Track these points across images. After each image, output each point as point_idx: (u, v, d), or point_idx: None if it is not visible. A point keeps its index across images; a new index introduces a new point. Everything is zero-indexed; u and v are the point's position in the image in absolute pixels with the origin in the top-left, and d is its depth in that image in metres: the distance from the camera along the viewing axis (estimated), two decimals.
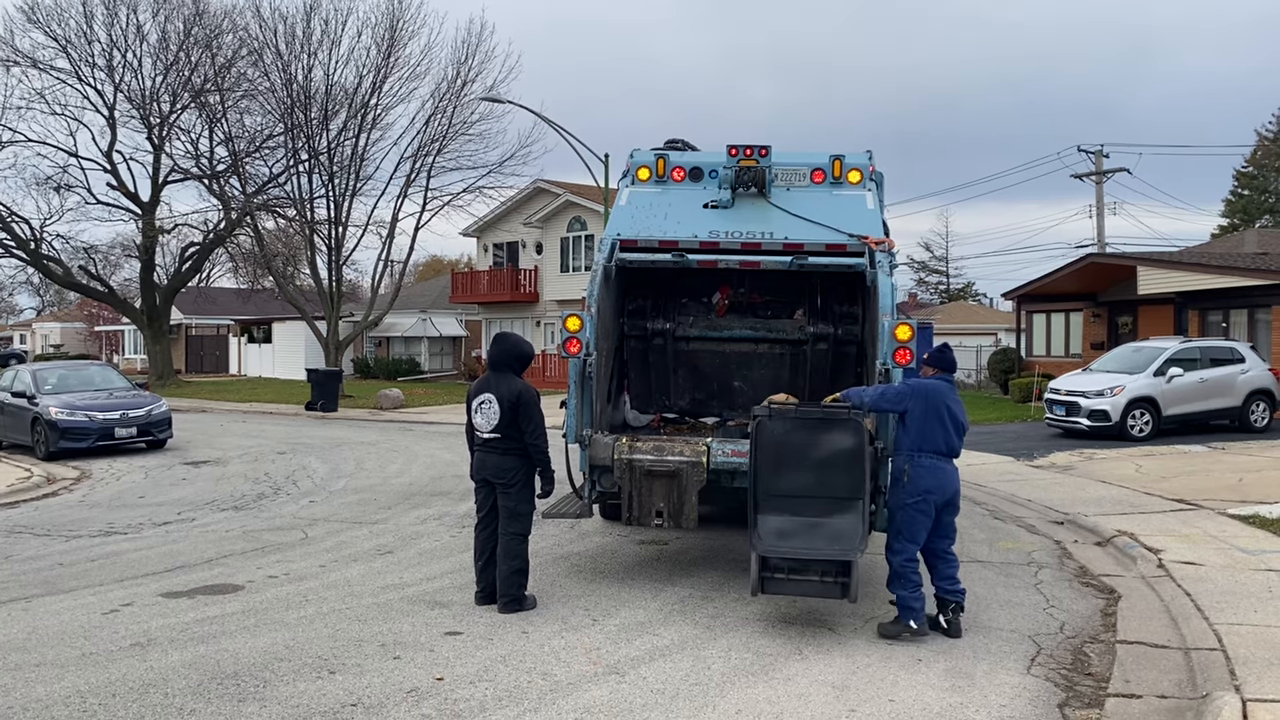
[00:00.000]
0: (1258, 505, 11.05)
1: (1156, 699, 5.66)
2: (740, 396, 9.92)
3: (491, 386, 7.47)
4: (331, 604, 7.64)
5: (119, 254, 43.79)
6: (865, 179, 9.22)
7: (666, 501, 7.69)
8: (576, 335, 7.85)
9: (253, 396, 34.42)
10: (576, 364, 8.01)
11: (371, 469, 15.88)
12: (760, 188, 9.03)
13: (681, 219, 8.91)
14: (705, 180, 9.28)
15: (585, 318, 7.97)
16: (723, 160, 9.08)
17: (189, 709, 5.47)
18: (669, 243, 8.67)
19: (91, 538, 10.53)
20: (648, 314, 9.84)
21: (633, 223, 8.92)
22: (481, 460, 7.53)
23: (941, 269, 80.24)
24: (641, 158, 9.57)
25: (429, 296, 50.53)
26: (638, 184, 9.40)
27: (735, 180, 8.98)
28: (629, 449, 7.76)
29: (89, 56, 35.94)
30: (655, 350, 9.95)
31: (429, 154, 35.36)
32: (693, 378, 10.08)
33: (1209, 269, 23.34)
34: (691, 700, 5.64)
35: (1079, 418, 18.65)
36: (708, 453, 7.72)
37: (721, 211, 8.95)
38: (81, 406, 18.04)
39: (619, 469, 7.72)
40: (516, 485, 7.44)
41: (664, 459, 7.69)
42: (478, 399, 7.49)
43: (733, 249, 8.61)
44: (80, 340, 68.46)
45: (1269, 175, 58.53)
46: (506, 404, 7.35)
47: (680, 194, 9.24)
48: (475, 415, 7.49)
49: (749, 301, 9.98)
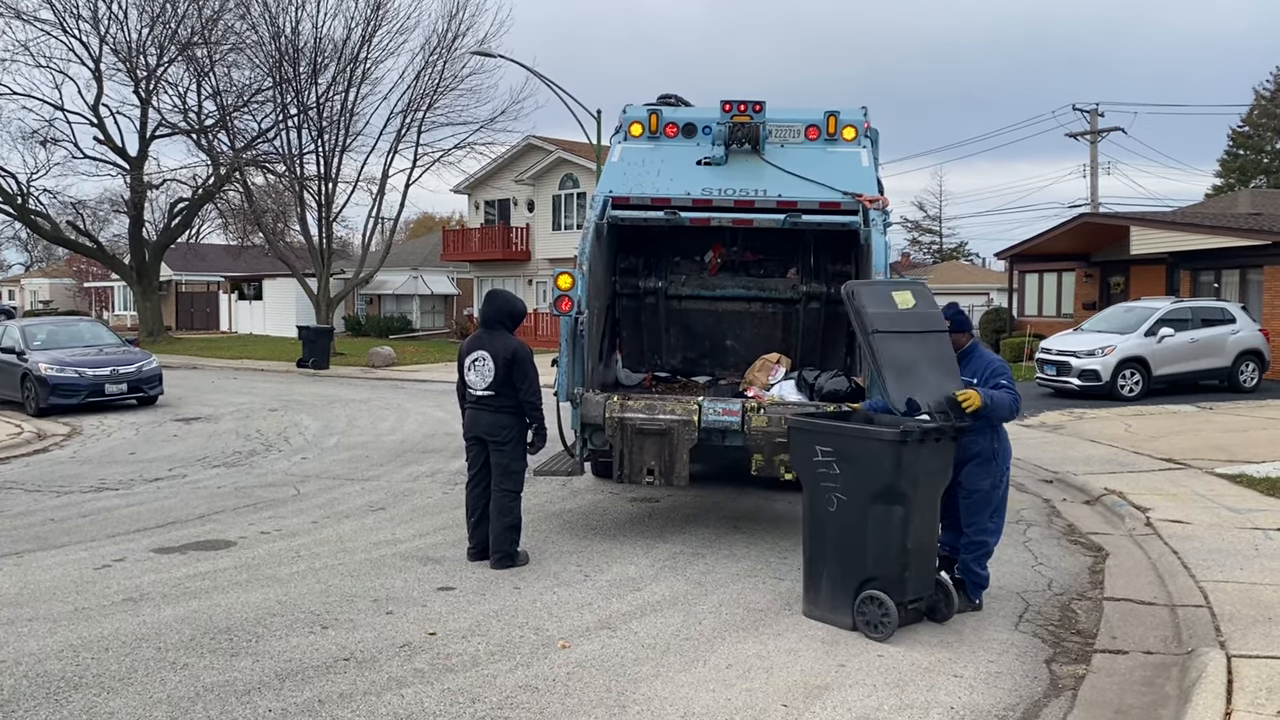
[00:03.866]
0: (1245, 465, 11.13)
1: (1143, 655, 5.72)
2: (732, 355, 9.94)
3: (485, 344, 7.44)
4: (324, 560, 7.66)
5: (107, 209, 43.61)
6: (860, 136, 9.12)
7: (658, 460, 7.74)
8: (568, 293, 7.83)
9: (244, 353, 34.34)
10: (568, 322, 7.98)
11: (363, 426, 15.88)
12: (754, 144, 8.95)
13: (675, 176, 8.83)
14: (699, 136, 9.19)
15: (577, 275, 7.93)
16: (716, 116, 8.94)
17: (181, 663, 5.49)
18: (661, 200, 8.58)
19: (83, 494, 10.53)
20: (640, 272, 9.79)
21: (625, 180, 8.85)
22: (474, 417, 7.51)
23: (935, 228, 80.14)
24: (634, 113, 9.48)
25: (420, 254, 50.28)
26: (630, 140, 9.31)
27: (729, 136, 8.87)
28: (620, 407, 7.81)
29: (73, 7, 35.39)
30: (647, 309, 9.91)
31: (419, 109, 34.97)
32: (685, 337, 10.06)
33: (1202, 229, 23.30)
34: (682, 654, 5.68)
35: (1070, 377, 18.71)
36: (699, 411, 7.74)
37: (715, 168, 8.85)
38: (71, 363, 17.95)
39: (610, 427, 7.77)
40: (510, 443, 7.44)
41: (655, 418, 7.74)
42: (470, 356, 7.46)
43: (725, 207, 8.53)
44: (69, 296, 68.12)
45: (1265, 135, 58.30)
46: (501, 361, 7.33)
47: (673, 150, 9.16)
48: (469, 372, 7.47)
49: (742, 260, 9.92)
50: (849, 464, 5.98)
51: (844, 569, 6.05)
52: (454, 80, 35.04)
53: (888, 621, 5.84)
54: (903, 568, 5.91)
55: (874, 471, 5.87)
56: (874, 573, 5.92)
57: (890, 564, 5.91)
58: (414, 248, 53.80)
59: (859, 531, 5.95)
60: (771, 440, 7.56)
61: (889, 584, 5.89)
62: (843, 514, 6.01)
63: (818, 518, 6.18)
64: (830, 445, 6.07)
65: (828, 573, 6.15)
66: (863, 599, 5.92)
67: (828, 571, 6.15)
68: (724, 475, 10.13)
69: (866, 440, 5.96)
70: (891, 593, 5.86)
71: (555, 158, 37.99)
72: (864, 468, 5.92)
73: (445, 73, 34.81)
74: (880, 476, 5.85)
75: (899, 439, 5.76)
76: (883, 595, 5.85)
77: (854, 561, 6.00)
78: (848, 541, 6.01)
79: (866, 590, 5.92)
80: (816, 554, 6.22)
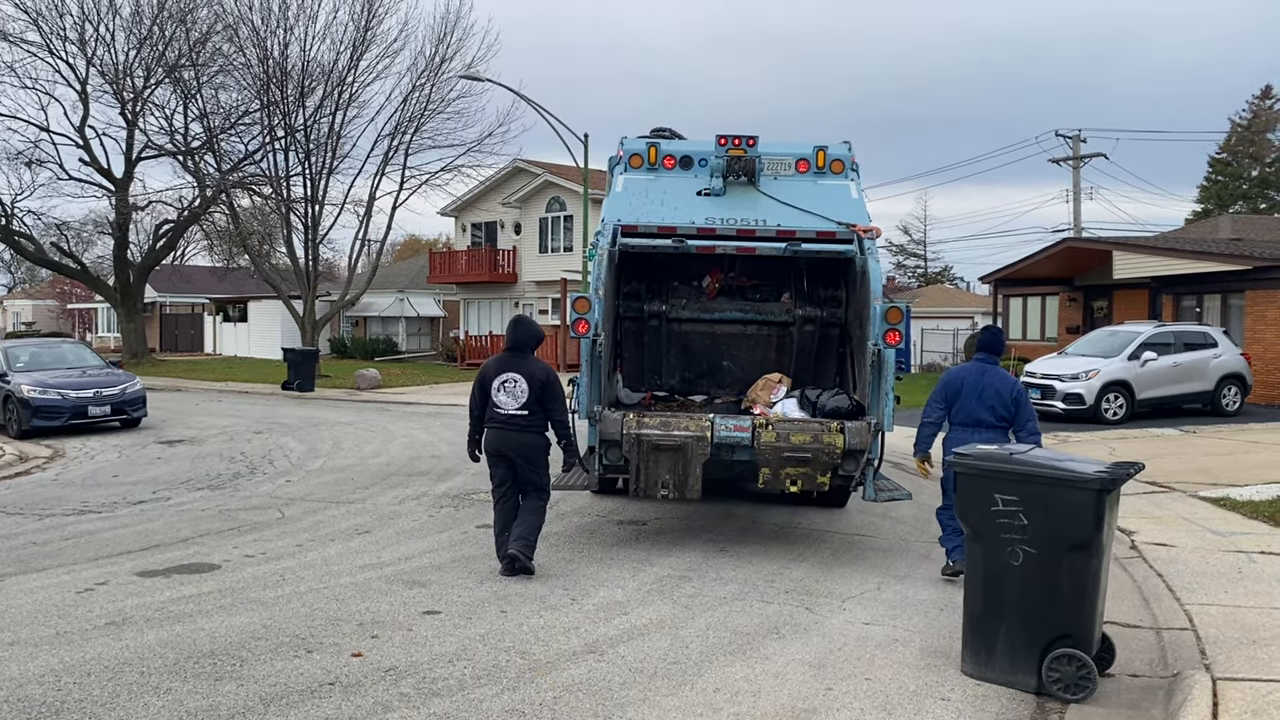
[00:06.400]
0: (1228, 488, 11.20)
1: (1129, 678, 5.73)
2: (728, 375, 10.40)
3: (516, 366, 7.83)
4: (309, 583, 7.61)
5: (92, 230, 43.34)
6: (847, 169, 9.76)
7: (672, 474, 8.11)
8: (585, 317, 8.21)
9: (228, 375, 34.18)
10: (587, 344, 8.37)
11: (349, 449, 15.82)
12: (750, 177, 9.49)
13: (678, 206, 9.34)
14: (695, 168, 9.72)
15: (593, 300, 8.27)
16: (712, 149, 9.48)
17: (165, 687, 5.45)
18: (668, 229, 9.03)
19: (65, 516, 10.44)
20: (643, 296, 10.20)
21: (631, 209, 9.30)
22: (502, 437, 7.80)
23: (919, 252, 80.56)
24: (633, 145, 9.98)
25: (406, 276, 50.23)
26: (631, 170, 9.84)
27: (726, 169, 9.42)
28: (637, 424, 8.16)
29: (60, 30, 35.38)
30: (650, 331, 10.34)
31: (407, 132, 35.02)
32: (683, 357, 10.51)
33: (1183, 254, 23.53)
34: (670, 679, 5.66)
35: (1054, 401, 18.81)
36: (711, 427, 8.14)
37: (714, 199, 9.38)
38: (55, 384, 17.84)
39: (627, 443, 8.12)
40: (538, 460, 7.86)
41: (670, 434, 8.12)
42: (500, 378, 7.80)
43: (729, 235, 8.99)
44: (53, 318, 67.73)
45: (1243, 162, 59.00)
46: (537, 383, 7.76)
47: (673, 181, 9.69)
48: (498, 393, 7.78)
49: (738, 285, 10.33)
50: (1041, 513, 5.47)
51: (1029, 627, 5.52)
52: (441, 103, 35.12)
53: (1086, 681, 5.37)
54: (1093, 622, 5.52)
55: (1075, 521, 5.39)
56: (1067, 629, 5.44)
57: (1084, 619, 5.46)
58: (400, 270, 53.75)
59: (1051, 586, 5.46)
60: (779, 455, 8.02)
61: (1082, 640, 5.43)
62: (1030, 568, 5.51)
63: (995, 572, 5.62)
64: (1015, 494, 5.54)
65: (1005, 630, 5.59)
66: (1055, 658, 5.40)
67: (1005, 629, 5.59)
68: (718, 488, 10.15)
69: (1067, 486, 5.44)
70: (1085, 649, 5.42)
71: (542, 181, 38.08)
72: (1061, 517, 5.42)
73: (433, 96, 34.89)
74: (1081, 527, 5.38)
75: (1103, 486, 5.33)
76: (1080, 654, 5.37)
77: (1043, 618, 5.49)
78: (1035, 597, 5.50)
79: (1059, 649, 5.40)
80: (991, 611, 5.65)
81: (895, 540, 9.28)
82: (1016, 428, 7.66)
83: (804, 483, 8.11)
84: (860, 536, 9.41)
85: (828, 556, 8.60)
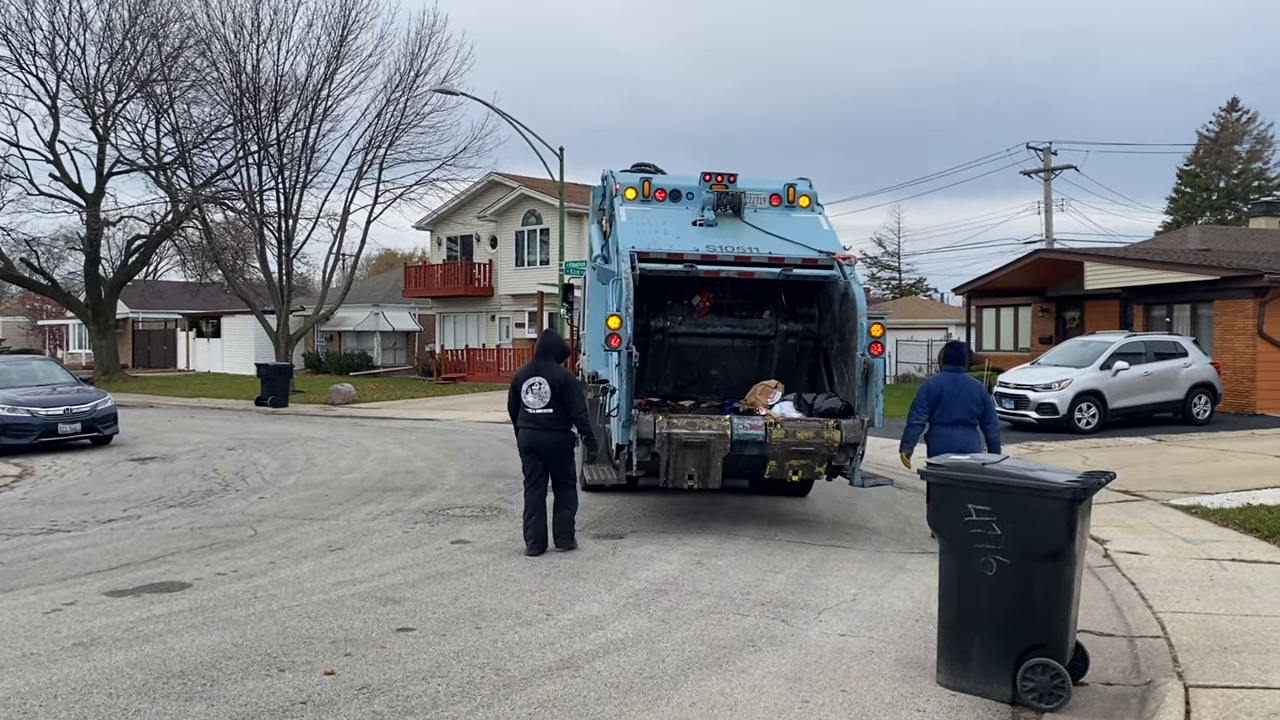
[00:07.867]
0: (1199, 496, 11.30)
1: (1102, 686, 5.76)
2: (714, 383, 11.46)
3: (541, 370, 9.13)
4: (281, 601, 7.53)
5: (63, 246, 42.95)
6: (813, 203, 11.06)
7: (697, 467, 9.27)
8: (617, 332, 9.19)
9: (201, 391, 33.89)
10: (623, 356, 9.28)
11: (322, 465, 15.70)
12: (737, 210, 10.73)
13: (680, 235, 10.36)
14: (684, 201, 10.90)
15: (624, 317, 9.27)
16: (696, 184, 10.86)
17: (134, 709, 5.37)
18: (675, 255, 10.04)
19: (33, 535, 10.29)
20: (646, 314, 11.06)
21: (641, 237, 10.22)
22: (533, 435, 9.08)
23: (893, 264, 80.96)
24: (625, 179, 11.11)
25: (382, 290, 50.03)
26: (628, 202, 10.86)
27: (716, 203, 10.68)
28: (668, 425, 9.27)
29: (30, 44, 35.12)
30: (653, 344, 11.22)
31: (381, 146, 34.97)
32: (676, 367, 11.49)
33: (1153, 265, 23.78)
34: (645, 694, 5.63)
35: (1027, 410, 18.95)
36: (731, 426, 9.28)
37: (708, 229, 10.48)
38: (23, 402, 17.62)
39: (659, 441, 9.19)
40: (565, 455, 9.19)
41: (697, 432, 9.26)
42: (528, 381, 9.11)
43: (729, 261, 10.06)
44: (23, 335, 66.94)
45: (1210, 174, 59.81)
46: (556, 385, 9.04)
47: (666, 213, 10.76)
48: (526, 394, 9.08)
49: (727, 304, 11.39)
50: (1013, 522, 5.48)
51: (1003, 636, 5.53)
52: (416, 117, 35.15)
53: (1061, 690, 5.37)
54: (1066, 631, 5.52)
55: (1047, 530, 5.39)
56: (1040, 639, 5.44)
57: (1057, 628, 5.46)
58: (375, 284, 53.53)
59: (1024, 596, 5.47)
60: (787, 449, 9.29)
61: (1056, 649, 5.44)
62: (1004, 577, 5.51)
63: (969, 583, 5.63)
64: (988, 503, 5.55)
65: (980, 641, 5.59)
66: (1030, 667, 5.40)
67: (980, 639, 5.59)
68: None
69: (1039, 495, 5.44)
70: (1059, 658, 5.43)
71: (518, 194, 38.08)
72: (1033, 526, 5.42)
73: (407, 110, 34.93)
74: (1054, 536, 5.37)
75: (1075, 496, 5.34)
76: (1054, 662, 5.38)
77: (1017, 628, 5.50)
78: (1009, 607, 5.51)
79: (1033, 658, 5.41)
80: (965, 621, 5.66)
81: (871, 551, 9.30)
82: (985, 421, 9.38)
83: (804, 472, 9.49)
84: (836, 548, 9.43)
85: (804, 568, 8.61)
